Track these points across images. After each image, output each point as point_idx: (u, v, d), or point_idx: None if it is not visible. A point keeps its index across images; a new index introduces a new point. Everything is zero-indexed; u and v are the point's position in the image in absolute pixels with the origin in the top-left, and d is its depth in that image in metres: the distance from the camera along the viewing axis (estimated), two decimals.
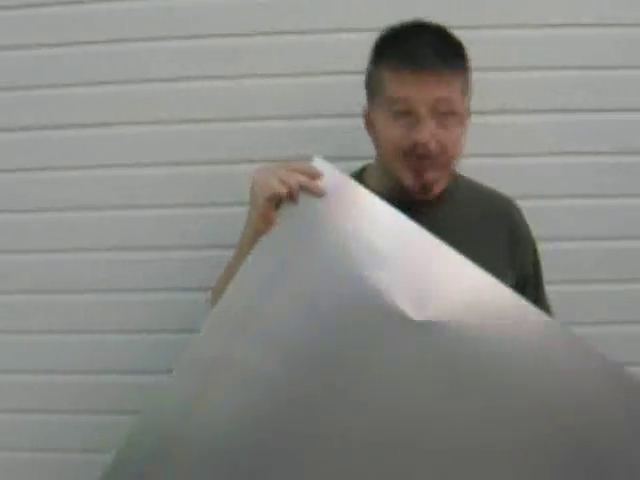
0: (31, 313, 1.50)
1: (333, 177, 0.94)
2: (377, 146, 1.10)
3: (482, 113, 1.38)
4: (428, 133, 1.01)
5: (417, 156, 1.03)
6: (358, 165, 1.19)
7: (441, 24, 1.08)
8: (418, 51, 1.02)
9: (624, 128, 1.41)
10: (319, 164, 0.95)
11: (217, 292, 1.02)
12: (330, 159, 1.37)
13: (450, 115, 1.03)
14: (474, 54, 1.36)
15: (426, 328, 0.89)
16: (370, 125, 1.11)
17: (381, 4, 1.39)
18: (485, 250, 1.11)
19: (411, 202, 1.08)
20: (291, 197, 0.92)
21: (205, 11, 1.42)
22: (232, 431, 0.91)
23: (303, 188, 0.92)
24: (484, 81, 1.38)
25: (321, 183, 0.93)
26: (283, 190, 0.92)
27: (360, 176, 1.17)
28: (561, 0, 1.39)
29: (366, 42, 1.09)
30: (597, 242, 1.43)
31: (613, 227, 1.43)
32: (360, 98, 1.12)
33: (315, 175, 0.93)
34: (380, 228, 0.93)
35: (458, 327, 0.90)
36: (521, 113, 1.41)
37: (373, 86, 1.08)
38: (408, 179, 1.06)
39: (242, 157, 1.44)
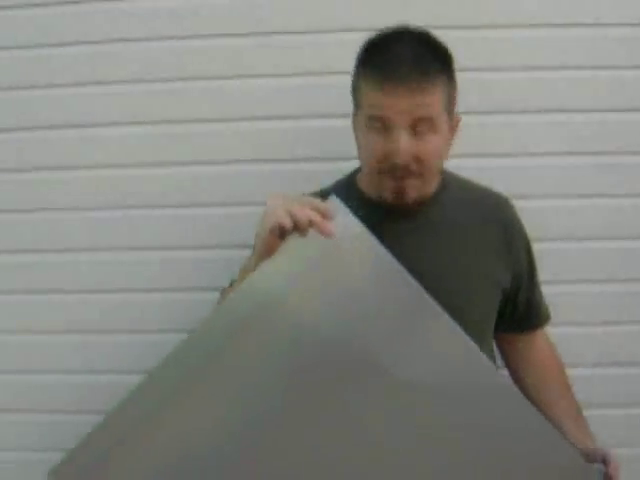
0: (31, 313, 1.50)
1: (345, 220, 0.91)
2: (358, 153, 1.11)
3: (482, 113, 1.39)
4: (402, 150, 1.01)
5: (391, 167, 1.03)
6: (356, 165, 1.19)
7: (426, 29, 1.06)
8: (396, 68, 1.00)
9: (624, 128, 1.41)
10: (334, 205, 0.92)
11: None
12: (329, 159, 1.40)
13: (428, 128, 1.02)
14: (474, 54, 1.37)
15: (406, 386, 0.90)
16: (354, 130, 1.12)
17: (381, 4, 1.39)
18: (479, 252, 1.12)
19: (402, 205, 1.08)
20: (297, 230, 0.90)
21: (205, 11, 1.42)
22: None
23: (313, 225, 0.89)
24: (484, 81, 1.39)
25: (332, 224, 0.90)
26: (288, 223, 0.89)
27: (352, 178, 1.18)
28: (560, 0, 1.39)
29: None
30: (597, 242, 1.43)
31: (613, 227, 1.43)
32: None
33: (327, 215, 0.90)
34: (380, 282, 0.92)
35: (435, 391, 0.91)
36: (521, 113, 1.41)
37: (356, 96, 1.09)
38: (385, 188, 1.06)
39: (242, 157, 1.44)
